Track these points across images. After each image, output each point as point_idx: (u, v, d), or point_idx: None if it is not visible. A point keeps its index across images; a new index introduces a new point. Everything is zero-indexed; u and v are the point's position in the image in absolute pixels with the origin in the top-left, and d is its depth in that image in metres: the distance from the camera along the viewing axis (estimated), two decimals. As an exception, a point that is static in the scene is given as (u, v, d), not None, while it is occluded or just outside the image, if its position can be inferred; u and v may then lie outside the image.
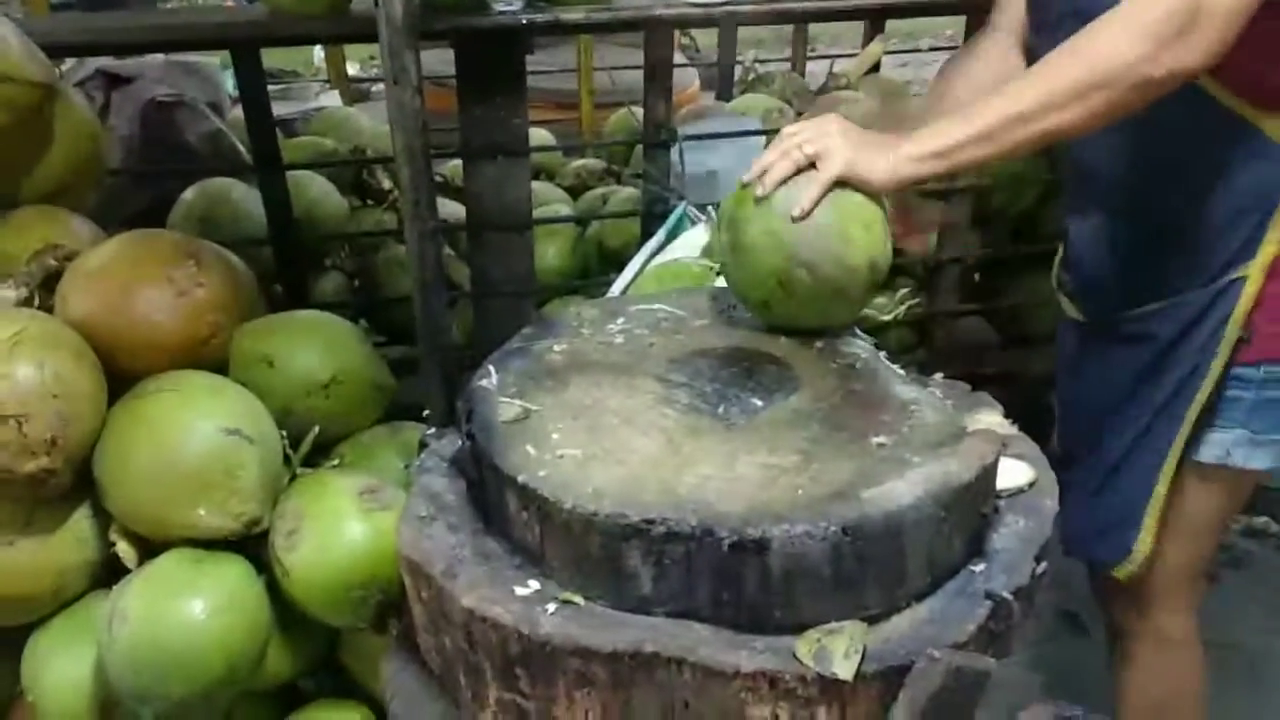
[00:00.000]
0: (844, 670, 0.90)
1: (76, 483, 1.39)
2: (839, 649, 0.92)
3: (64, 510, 1.43)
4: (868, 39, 3.01)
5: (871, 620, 0.97)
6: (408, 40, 1.16)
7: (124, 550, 1.41)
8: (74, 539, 1.43)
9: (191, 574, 1.36)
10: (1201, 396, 1.36)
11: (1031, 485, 1.14)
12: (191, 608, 1.33)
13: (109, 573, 1.45)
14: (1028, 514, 1.11)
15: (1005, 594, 0.99)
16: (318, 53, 4.55)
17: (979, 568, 1.04)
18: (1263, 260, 1.29)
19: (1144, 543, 1.45)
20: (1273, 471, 1.40)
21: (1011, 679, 0.91)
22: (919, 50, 4.51)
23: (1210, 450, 1.39)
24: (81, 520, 1.44)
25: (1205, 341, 1.34)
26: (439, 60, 2.85)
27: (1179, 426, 1.38)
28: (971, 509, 1.02)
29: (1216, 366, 1.34)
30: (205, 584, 1.35)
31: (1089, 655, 1.78)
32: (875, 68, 2.87)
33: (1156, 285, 1.39)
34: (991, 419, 1.16)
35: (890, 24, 3.07)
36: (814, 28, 3.41)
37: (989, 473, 1.04)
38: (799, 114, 2.61)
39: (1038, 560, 1.05)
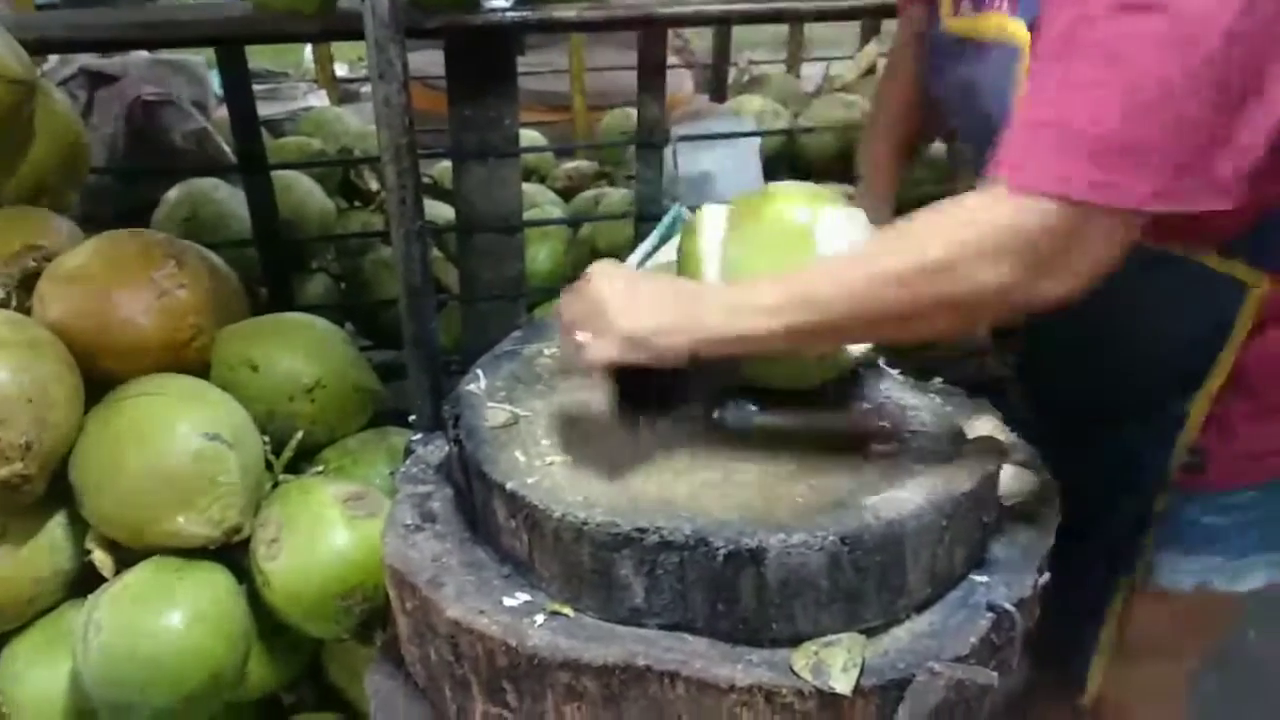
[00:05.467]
0: (842, 684, 0.87)
1: (52, 489, 1.36)
2: (837, 662, 0.89)
3: (39, 517, 1.40)
4: (864, 41, 3.00)
5: (870, 632, 0.94)
6: (394, 34, 1.13)
7: (100, 559, 1.38)
8: (49, 547, 1.40)
9: (170, 583, 1.33)
10: (1152, 524, 1.23)
11: (1033, 494, 1.11)
12: (170, 618, 1.30)
13: (85, 582, 1.42)
14: (1029, 523, 1.08)
15: (1007, 605, 0.96)
16: (308, 54, 4.51)
17: (980, 578, 1.01)
18: (1207, 391, 1.14)
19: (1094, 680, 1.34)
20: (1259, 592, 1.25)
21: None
22: (913, 54, 4.50)
23: (1185, 578, 1.25)
24: (57, 528, 1.41)
25: (1150, 467, 1.21)
26: (429, 62, 2.82)
27: (1137, 553, 1.25)
28: (973, 518, 1.00)
29: (1163, 494, 1.21)
30: (184, 594, 1.32)
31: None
32: (871, 70, 2.85)
33: (1105, 404, 1.25)
34: (991, 425, 1.13)
35: (885, 26, 3.05)
36: (809, 30, 3.39)
37: (991, 481, 1.02)
38: (795, 115, 2.60)
39: (1040, 571, 1.02)
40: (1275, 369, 1.14)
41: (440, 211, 2.31)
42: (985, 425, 1.12)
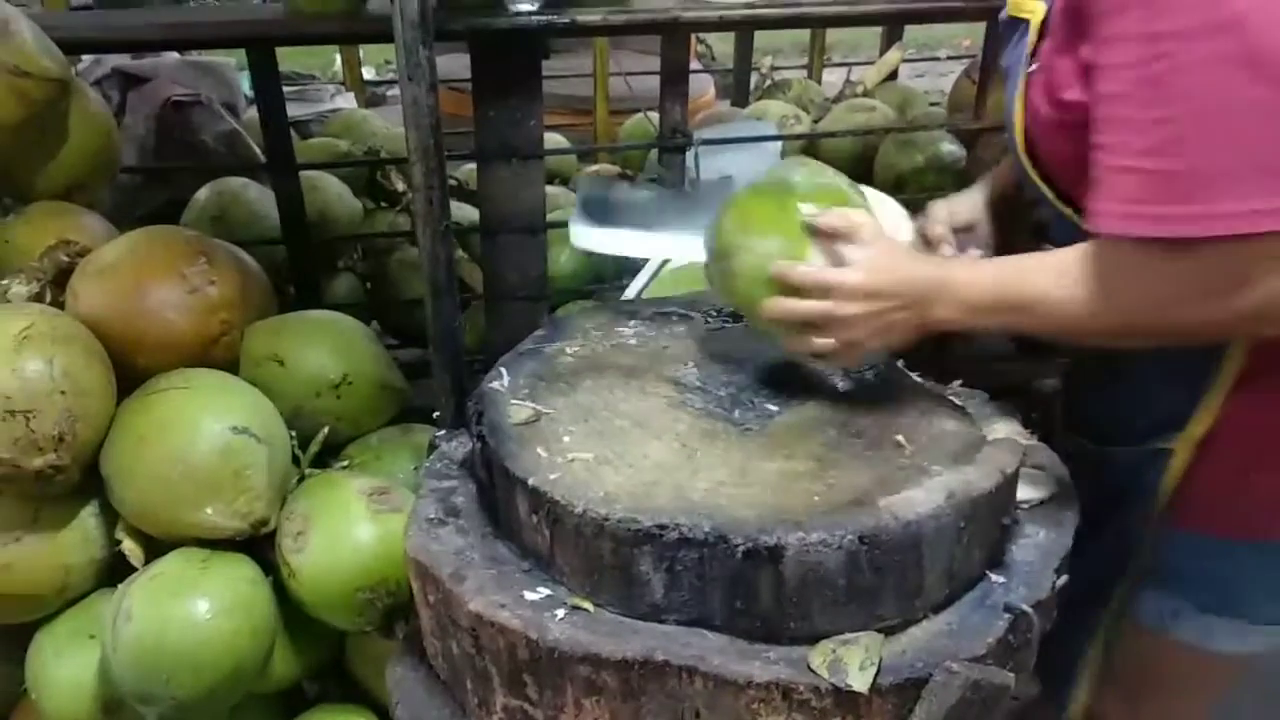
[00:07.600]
0: (859, 682, 0.88)
1: (84, 480, 1.38)
2: (854, 660, 0.90)
3: (71, 507, 1.42)
4: (885, 47, 3.00)
5: (888, 631, 0.94)
6: (422, 36, 1.14)
7: (130, 549, 1.40)
8: (80, 537, 1.42)
9: (198, 574, 1.35)
10: (1139, 558, 1.20)
11: (1052, 497, 1.11)
12: (197, 608, 1.32)
13: (115, 571, 1.44)
14: (1048, 525, 1.08)
15: (1025, 607, 0.96)
16: (338, 58, 4.55)
17: (998, 579, 1.02)
18: (1191, 433, 1.12)
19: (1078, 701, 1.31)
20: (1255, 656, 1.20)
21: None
22: (936, 59, 4.50)
23: (1152, 619, 1.22)
24: (88, 518, 1.43)
25: (1138, 500, 1.18)
26: (456, 65, 2.85)
27: (1116, 583, 1.23)
28: (991, 519, 1.00)
29: (1148, 529, 1.19)
30: (211, 584, 1.34)
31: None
32: (892, 76, 2.85)
33: (1103, 428, 1.24)
34: (1010, 428, 1.14)
35: (907, 33, 3.05)
36: (831, 36, 3.39)
37: (1010, 482, 1.02)
38: (815, 121, 2.60)
39: (1058, 573, 1.03)
40: (1250, 430, 1.11)
41: (465, 213, 2.33)
42: (1005, 427, 1.13)
